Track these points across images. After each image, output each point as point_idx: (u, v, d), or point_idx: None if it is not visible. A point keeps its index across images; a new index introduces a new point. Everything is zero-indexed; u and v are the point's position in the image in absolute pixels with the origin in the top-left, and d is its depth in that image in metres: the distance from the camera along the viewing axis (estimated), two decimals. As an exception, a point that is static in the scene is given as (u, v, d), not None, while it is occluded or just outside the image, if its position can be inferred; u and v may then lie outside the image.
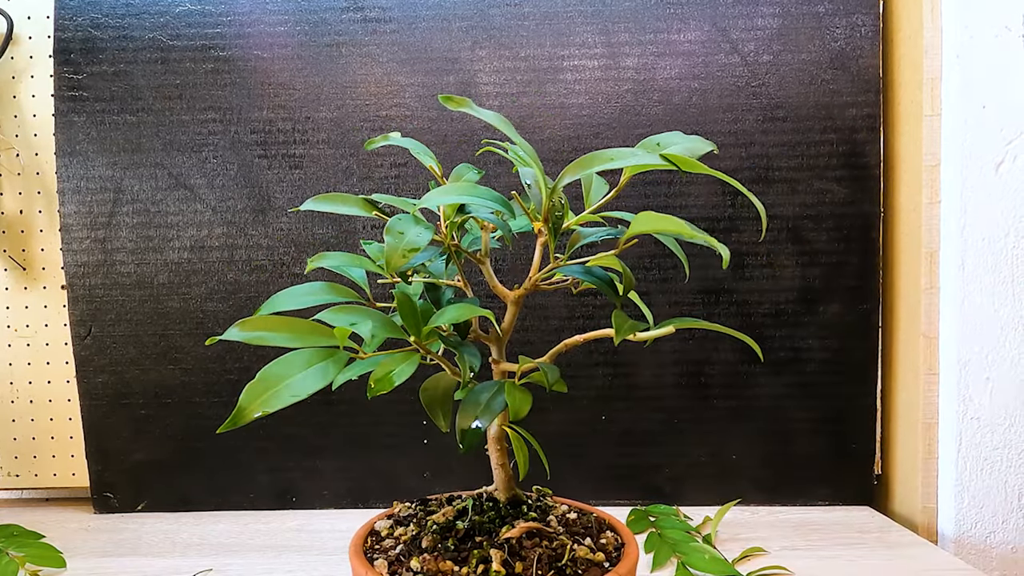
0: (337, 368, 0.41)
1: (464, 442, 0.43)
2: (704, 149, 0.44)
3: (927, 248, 0.76)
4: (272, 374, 0.40)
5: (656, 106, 0.81)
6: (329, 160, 0.82)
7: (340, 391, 0.48)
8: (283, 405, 0.39)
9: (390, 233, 0.41)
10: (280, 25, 0.82)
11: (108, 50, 0.82)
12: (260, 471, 0.84)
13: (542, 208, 0.42)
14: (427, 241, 0.41)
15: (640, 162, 0.39)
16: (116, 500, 0.85)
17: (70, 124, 0.82)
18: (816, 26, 0.80)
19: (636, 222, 0.40)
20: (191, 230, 0.83)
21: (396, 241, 0.41)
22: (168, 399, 0.84)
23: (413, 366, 0.43)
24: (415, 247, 0.40)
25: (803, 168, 0.81)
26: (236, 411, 0.39)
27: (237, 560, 0.72)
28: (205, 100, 0.82)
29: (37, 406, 0.88)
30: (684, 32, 0.80)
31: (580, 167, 0.40)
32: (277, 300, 0.47)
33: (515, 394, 0.43)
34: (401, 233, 0.41)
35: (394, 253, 0.40)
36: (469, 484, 0.57)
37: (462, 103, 0.41)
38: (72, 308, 0.83)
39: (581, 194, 0.49)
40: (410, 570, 0.44)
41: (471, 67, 0.81)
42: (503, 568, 0.43)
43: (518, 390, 0.44)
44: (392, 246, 0.40)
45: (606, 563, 0.45)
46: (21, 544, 0.71)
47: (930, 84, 0.75)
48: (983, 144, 0.73)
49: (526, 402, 0.43)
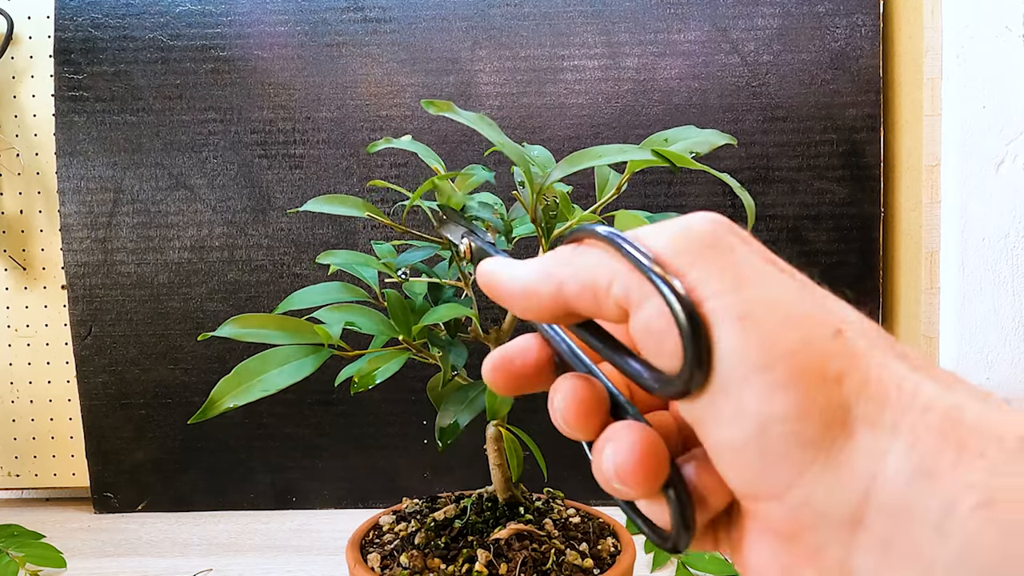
0: (314, 365, 0.41)
1: (443, 439, 0.44)
2: (719, 141, 0.44)
3: (927, 248, 0.76)
4: (248, 369, 0.41)
5: (656, 106, 0.81)
6: (329, 160, 0.82)
7: (340, 391, 0.48)
8: (253, 399, 0.40)
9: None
10: (280, 25, 0.82)
11: (108, 50, 0.82)
12: (260, 471, 0.84)
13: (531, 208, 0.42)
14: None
15: (630, 158, 0.39)
16: (116, 500, 0.85)
17: (70, 124, 0.82)
18: (816, 26, 0.80)
19: (618, 222, 0.40)
20: (191, 230, 0.83)
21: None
22: (168, 399, 0.84)
23: (398, 365, 0.43)
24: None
25: (803, 168, 0.81)
26: (207, 403, 0.40)
27: (237, 560, 0.72)
28: (205, 100, 0.82)
29: (37, 406, 0.88)
30: (684, 32, 0.80)
31: (569, 164, 0.40)
32: (294, 299, 0.47)
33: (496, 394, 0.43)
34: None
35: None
36: (469, 484, 0.57)
37: (444, 107, 0.41)
38: (72, 308, 0.83)
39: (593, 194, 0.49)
40: (400, 565, 0.45)
41: (471, 67, 0.81)
42: (485, 569, 0.43)
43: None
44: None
45: (596, 570, 0.45)
46: (21, 544, 0.71)
47: (930, 84, 0.75)
48: (983, 144, 0.73)
49: (506, 402, 0.43)
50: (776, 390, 0.20)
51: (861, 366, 0.20)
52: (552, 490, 0.56)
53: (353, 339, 0.45)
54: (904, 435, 0.19)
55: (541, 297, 0.24)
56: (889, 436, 0.19)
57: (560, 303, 0.23)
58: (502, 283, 0.25)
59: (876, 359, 0.20)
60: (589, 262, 0.23)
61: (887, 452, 0.19)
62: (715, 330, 0.20)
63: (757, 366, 0.20)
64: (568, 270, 0.23)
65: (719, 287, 0.21)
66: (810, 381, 0.20)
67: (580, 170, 0.40)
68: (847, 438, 0.20)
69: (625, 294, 0.22)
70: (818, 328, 0.21)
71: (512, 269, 0.25)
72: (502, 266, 0.25)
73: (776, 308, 0.21)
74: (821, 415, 0.20)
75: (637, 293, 0.21)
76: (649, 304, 0.21)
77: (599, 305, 0.23)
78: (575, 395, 0.24)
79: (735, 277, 0.21)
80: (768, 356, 0.20)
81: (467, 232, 0.39)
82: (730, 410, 0.20)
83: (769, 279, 0.21)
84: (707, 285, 0.21)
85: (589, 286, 0.23)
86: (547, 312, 0.24)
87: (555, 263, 0.24)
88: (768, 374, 0.20)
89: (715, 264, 0.21)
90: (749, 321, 0.20)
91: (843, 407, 0.20)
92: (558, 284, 0.23)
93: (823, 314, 0.21)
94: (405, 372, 0.45)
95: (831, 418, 0.20)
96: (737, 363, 0.20)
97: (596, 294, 0.22)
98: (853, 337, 0.21)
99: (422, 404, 0.82)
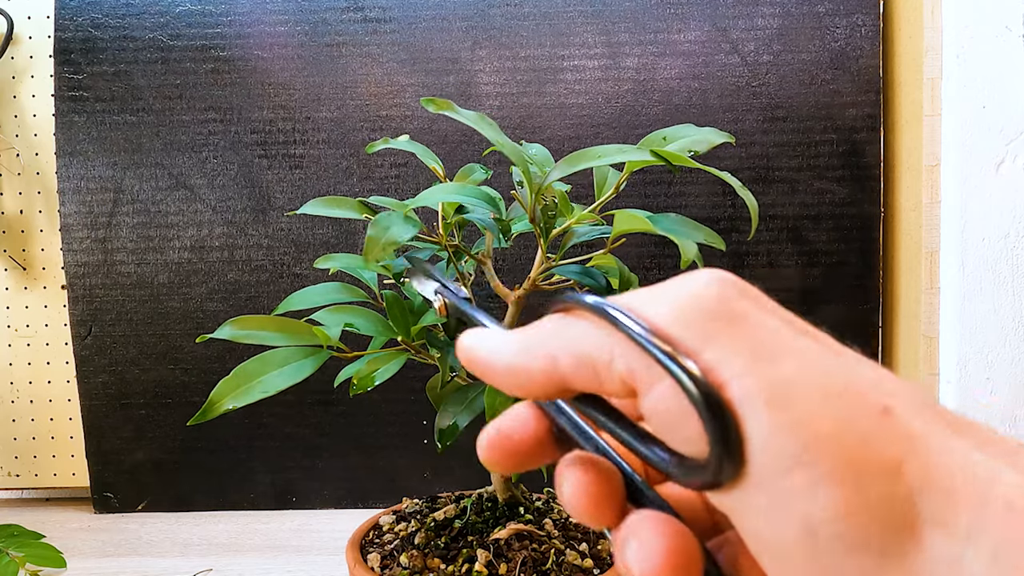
0: (314, 366, 0.41)
1: (442, 440, 0.44)
2: (718, 140, 0.44)
3: (927, 248, 0.76)
4: (247, 370, 0.41)
5: (656, 106, 0.81)
6: (329, 160, 0.82)
7: (340, 391, 0.48)
8: (252, 400, 0.40)
9: (374, 227, 0.41)
10: (280, 25, 0.82)
11: (108, 50, 0.82)
12: (260, 471, 0.84)
13: (529, 208, 0.42)
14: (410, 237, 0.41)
15: (628, 158, 0.39)
16: (116, 500, 0.85)
17: (70, 124, 0.82)
18: (816, 26, 0.80)
19: (618, 221, 0.40)
20: (191, 230, 0.83)
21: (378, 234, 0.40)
22: (168, 399, 0.84)
23: (397, 366, 0.43)
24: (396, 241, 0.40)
25: (803, 168, 0.81)
26: (206, 405, 0.40)
27: (237, 560, 0.72)
28: (205, 100, 0.82)
29: (37, 406, 0.88)
30: (684, 32, 0.80)
31: (568, 164, 0.40)
32: (293, 300, 0.47)
33: (495, 394, 0.43)
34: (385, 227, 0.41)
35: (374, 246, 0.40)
36: (469, 484, 0.57)
37: (444, 106, 0.41)
38: (72, 308, 0.83)
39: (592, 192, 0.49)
40: (400, 565, 0.45)
41: (471, 67, 0.81)
42: (485, 569, 0.43)
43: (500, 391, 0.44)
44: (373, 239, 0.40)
45: (595, 570, 0.45)
46: (21, 544, 0.71)
47: (930, 84, 0.75)
48: (983, 144, 0.73)
49: (505, 403, 0.43)
50: (820, 485, 0.17)
51: (920, 451, 0.17)
52: (552, 490, 0.56)
53: (353, 340, 0.45)
54: (983, 539, 0.16)
55: (532, 373, 0.21)
56: (964, 540, 0.16)
57: (555, 380, 0.21)
58: (483, 359, 0.22)
59: (936, 441, 0.17)
60: (583, 333, 0.20)
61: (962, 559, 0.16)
62: (742, 420, 0.18)
63: (795, 458, 0.17)
64: (559, 342, 0.21)
65: (740, 367, 0.18)
66: (860, 473, 0.17)
67: (579, 170, 0.40)
68: (915, 543, 0.17)
69: (630, 372, 0.19)
70: (861, 406, 0.18)
71: (494, 343, 0.22)
72: (482, 340, 0.22)
73: (808, 385, 0.18)
74: (878, 514, 0.17)
75: (646, 374, 0.19)
76: (661, 387, 0.19)
77: (600, 382, 0.20)
78: (585, 487, 0.21)
79: (755, 352, 0.18)
80: (805, 446, 0.17)
81: (440, 288, 0.37)
82: (771, 507, 0.17)
83: (794, 349, 0.19)
84: (727, 365, 0.18)
85: (586, 361, 0.20)
86: (540, 389, 0.21)
87: (544, 335, 0.21)
88: (809, 467, 0.17)
89: (731, 338, 0.19)
90: (780, 404, 0.18)
91: (905, 503, 0.17)
92: (549, 359, 0.20)
93: (864, 386, 0.18)
94: (405, 372, 0.45)
95: (891, 517, 0.17)
96: (772, 455, 0.17)
97: (596, 370, 0.20)
98: (904, 414, 0.18)
99: (422, 404, 0.82)
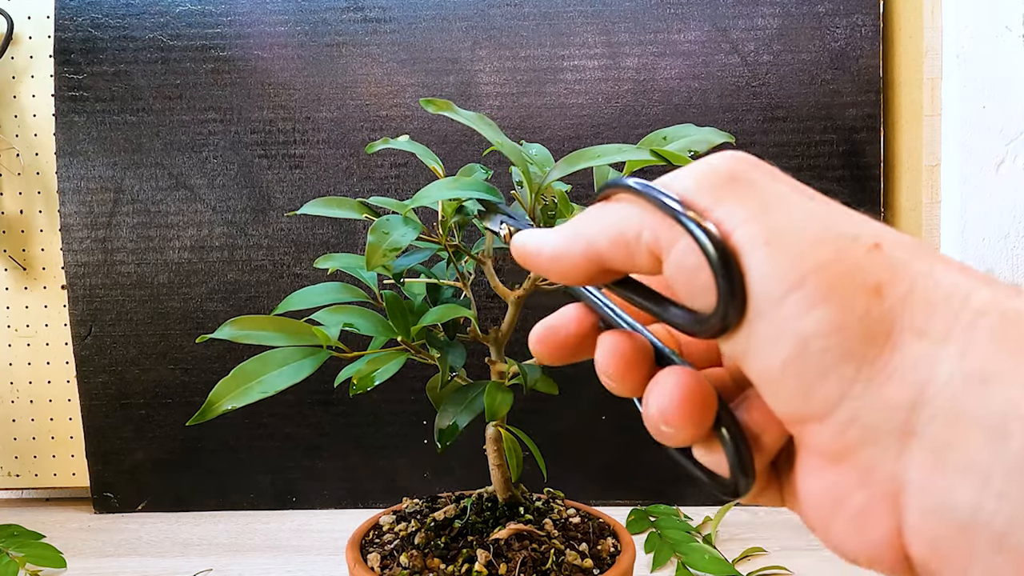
0: (313, 366, 0.41)
1: (442, 440, 0.44)
2: (718, 140, 0.44)
3: (927, 248, 0.76)
4: (246, 371, 0.41)
5: (656, 106, 0.81)
6: (329, 160, 0.82)
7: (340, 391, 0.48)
8: (252, 400, 0.40)
9: (374, 232, 0.41)
10: (280, 25, 0.82)
11: (108, 50, 0.82)
12: (260, 471, 0.84)
13: (529, 207, 0.42)
14: (410, 240, 0.41)
15: (628, 158, 0.39)
16: (116, 500, 0.85)
17: (70, 124, 0.82)
18: (816, 26, 0.80)
19: None
20: (191, 230, 0.83)
21: (379, 240, 0.40)
22: (168, 399, 0.84)
23: (397, 366, 0.43)
24: (398, 247, 0.40)
25: (803, 168, 0.81)
26: (205, 405, 0.39)
27: (237, 560, 0.72)
28: (205, 100, 0.82)
29: (37, 406, 0.88)
30: (684, 32, 0.80)
31: (567, 164, 0.40)
32: (293, 300, 0.47)
33: (495, 394, 0.43)
34: (386, 233, 0.41)
35: (376, 252, 0.40)
36: (469, 484, 0.57)
37: (444, 106, 0.41)
38: (72, 308, 0.83)
39: (592, 192, 0.49)
40: (400, 565, 0.45)
41: (471, 67, 0.81)
42: (485, 569, 0.43)
43: (500, 391, 0.44)
44: (374, 245, 0.40)
45: (595, 570, 0.45)
46: (21, 544, 0.71)
47: (930, 84, 0.75)
48: (983, 144, 0.73)
49: (505, 403, 0.43)
50: (810, 306, 0.19)
51: (903, 276, 0.19)
52: (552, 490, 0.56)
53: (352, 340, 0.45)
54: (956, 340, 0.18)
55: (573, 257, 0.24)
56: (940, 343, 0.18)
57: (593, 261, 0.23)
58: (533, 251, 0.25)
59: (920, 268, 0.20)
60: (618, 216, 0.23)
61: (937, 359, 0.18)
62: (744, 258, 0.20)
63: (789, 286, 0.19)
64: (597, 226, 0.23)
65: (744, 216, 0.21)
66: (845, 293, 0.19)
67: (579, 170, 0.40)
68: (892, 349, 0.19)
69: (655, 239, 0.22)
70: (851, 243, 0.20)
71: (542, 236, 0.25)
72: (532, 236, 0.25)
73: (805, 229, 0.20)
74: (860, 327, 0.19)
75: (667, 236, 0.21)
76: (679, 244, 0.21)
77: (632, 257, 0.23)
78: (616, 348, 0.24)
79: (759, 205, 0.21)
80: (799, 274, 0.19)
81: (505, 218, 0.39)
82: (769, 336, 0.20)
83: (796, 204, 0.21)
84: (733, 216, 0.21)
85: (620, 239, 0.23)
86: (581, 272, 0.24)
87: (583, 223, 0.24)
88: (801, 292, 0.19)
89: (739, 195, 0.21)
90: (777, 244, 0.20)
91: (885, 318, 0.19)
92: (588, 242, 0.23)
93: (857, 230, 0.20)
94: (405, 372, 0.45)
95: (872, 330, 0.19)
96: (770, 288, 0.20)
97: (628, 245, 0.22)
98: (891, 249, 0.20)
99: (422, 404, 0.81)
